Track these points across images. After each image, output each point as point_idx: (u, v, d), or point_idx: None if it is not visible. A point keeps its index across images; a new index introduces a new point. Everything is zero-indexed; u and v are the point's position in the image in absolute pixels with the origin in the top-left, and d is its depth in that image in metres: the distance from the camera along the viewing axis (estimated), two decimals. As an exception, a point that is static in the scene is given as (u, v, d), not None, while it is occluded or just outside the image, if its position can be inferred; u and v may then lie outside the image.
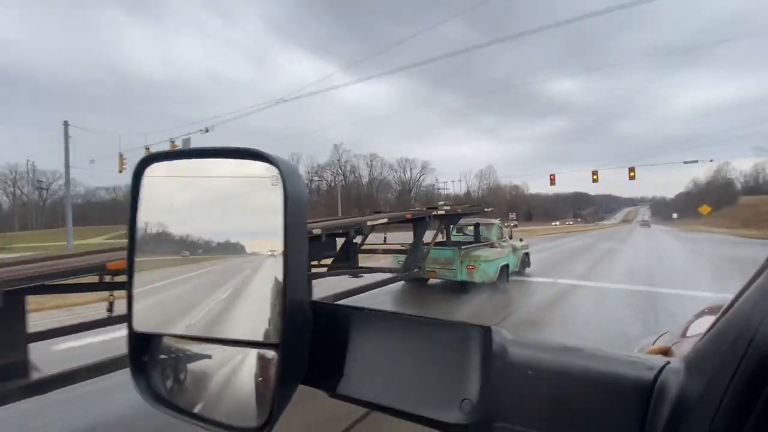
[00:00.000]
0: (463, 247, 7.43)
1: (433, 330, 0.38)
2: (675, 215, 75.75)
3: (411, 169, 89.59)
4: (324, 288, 5.62)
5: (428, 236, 7.00)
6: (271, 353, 0.38)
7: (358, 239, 5.78)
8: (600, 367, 0.34)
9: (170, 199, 0.45)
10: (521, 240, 9.89)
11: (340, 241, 5.48)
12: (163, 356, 0.44)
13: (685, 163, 28.35)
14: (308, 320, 0.40)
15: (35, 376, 2.38)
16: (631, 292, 7.45)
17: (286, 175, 0.37)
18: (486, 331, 0.36)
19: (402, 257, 6.90)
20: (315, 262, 5.18)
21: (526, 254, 9.77)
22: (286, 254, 0.36)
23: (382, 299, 6.70)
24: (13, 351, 2.32)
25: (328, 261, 5.48)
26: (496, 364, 0.35)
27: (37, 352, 2.53)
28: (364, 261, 6.53)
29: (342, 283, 5.62)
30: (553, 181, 26.32)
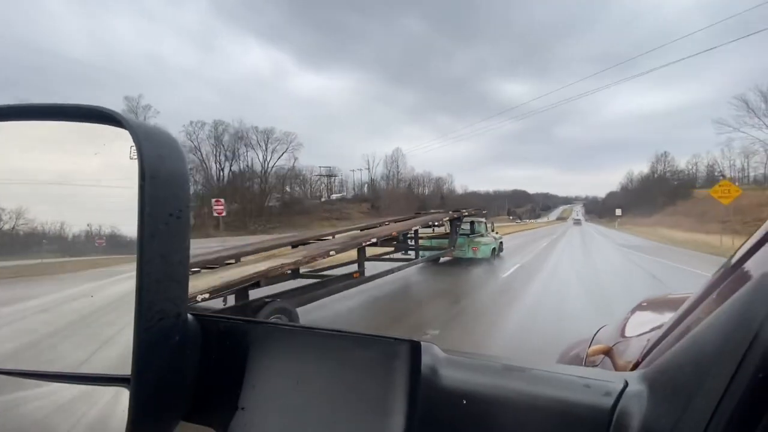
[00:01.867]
0: (470, 236, 11.81)
1: (353, 347, 0.33)
2: (619, 211, 61.96)
3: (269, 143, 50.93)
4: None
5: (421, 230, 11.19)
6: (123, 389, 0.28)
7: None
8: (548, 392, 0.30)
9: None
10: (497, 233, 14.62)
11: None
12: None
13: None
14: (188, 340, 0.32)
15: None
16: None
17: (144, 142, 0.28)
18: (414, 348, 0.32)
19: (427, 242, 11.10)
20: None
21: (501, 242, 14.50)
22: (141, 252, 0.27)
23: (427, 268, 10.79)
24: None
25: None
26: (424, 391, 0.31)
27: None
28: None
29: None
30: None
